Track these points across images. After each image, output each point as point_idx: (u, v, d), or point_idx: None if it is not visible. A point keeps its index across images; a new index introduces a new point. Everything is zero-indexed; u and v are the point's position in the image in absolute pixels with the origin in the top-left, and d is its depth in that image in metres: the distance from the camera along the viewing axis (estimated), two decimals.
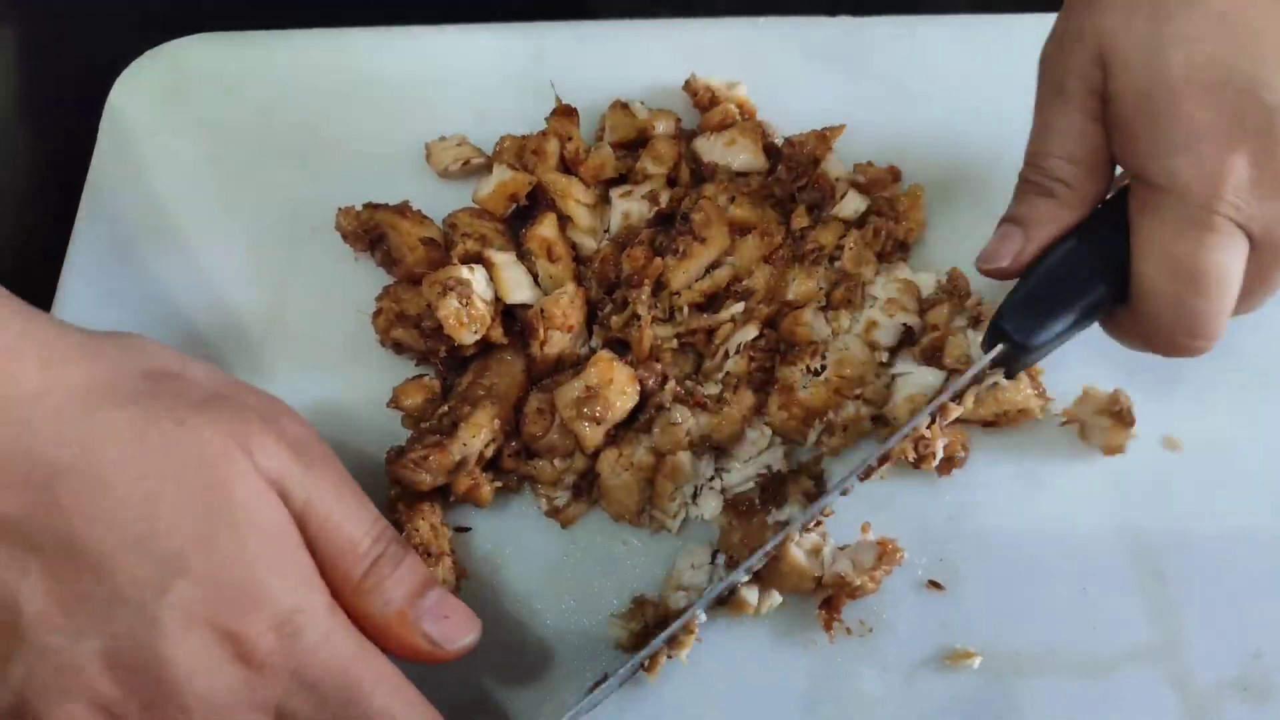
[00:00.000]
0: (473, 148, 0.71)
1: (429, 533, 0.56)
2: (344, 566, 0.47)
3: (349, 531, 0.47)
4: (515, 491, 0.60)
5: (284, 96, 0.75)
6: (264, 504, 0.45)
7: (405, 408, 0.60)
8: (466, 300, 0.58)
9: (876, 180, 0.67)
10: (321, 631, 0.45)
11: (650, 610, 0.56)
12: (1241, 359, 0.63)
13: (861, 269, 0.63)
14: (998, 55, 0.76)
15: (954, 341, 0.60)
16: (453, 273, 0.59)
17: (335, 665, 0.45)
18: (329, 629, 0.45)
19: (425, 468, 0.56)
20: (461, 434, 0.57)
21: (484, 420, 0.57)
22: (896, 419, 0.59)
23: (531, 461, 0.59)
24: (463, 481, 0.57)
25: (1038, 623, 0.56)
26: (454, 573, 0.56)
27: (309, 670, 0.44)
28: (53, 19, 0.85)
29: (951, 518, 0.59)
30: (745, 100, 0.72)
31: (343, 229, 0.66)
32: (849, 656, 0.55)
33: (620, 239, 0.66)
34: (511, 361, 0.61)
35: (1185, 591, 0.56)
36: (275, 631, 0.43)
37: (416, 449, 0.56)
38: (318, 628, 0.45)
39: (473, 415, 0.57)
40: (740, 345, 0.60)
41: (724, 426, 0.59)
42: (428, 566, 0.53)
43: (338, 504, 0.47)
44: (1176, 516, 0.59)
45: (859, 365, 0.60)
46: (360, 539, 0.47)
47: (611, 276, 0.64)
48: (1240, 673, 0.54)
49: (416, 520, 0.56)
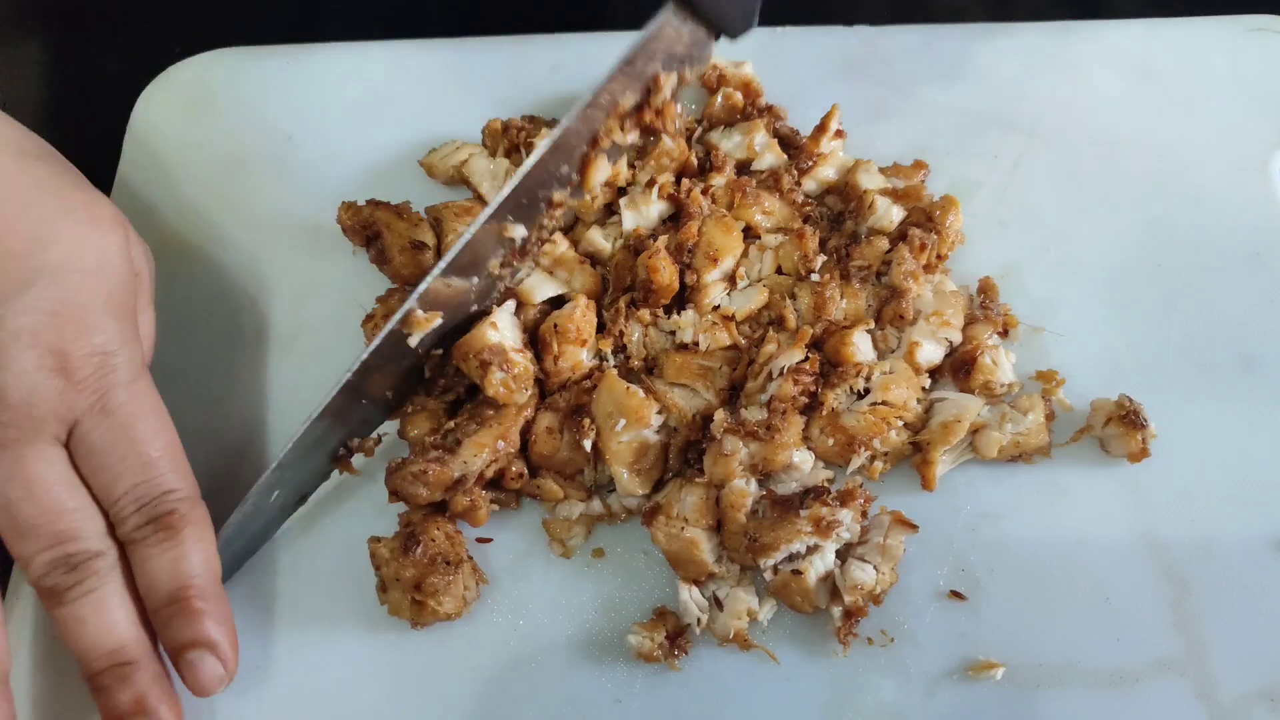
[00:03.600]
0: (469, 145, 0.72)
1: (445, 542, 0.56)
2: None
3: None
4: (514, 509, 0.60)
5: (304, 109, 0.76)
6: (122, 269, 0.54)
7: (412, 439, 0.60)
8: (506, 365, 0.57)
9: (909, 191, 0.67)
10: (132, 376, 0.53)
11: (671, 621, 0.56)
12: (1266, 370, 0.63)
13: (910, 284, 0.62)
14: (1013, 63, 0.76)
15: (982, 364, 0.60)
16: (482, 342, 0.57)
17: (133, 407, 0.53)
18: (139, 378, 0.54)
19: (423, 481, 0.56)
20: (464, 452, 0.57)
21: (488, 440, 0.57)
22: (930, 443, 0.59)
23: (537, 480, 0.59)
24: (460, 500, 0.57)
25: (1060, 633, 0.55)
26: (475, 579, 0.56)
27: (110, 400, 0.52)
28: (80, 34, 0.86)
29: (972, 528, 0.59)
30: (752, 79, 0.73)
31: (342, 222, 0.67)
32: (870, 667, 0.55)
33: (632, 243, 0.65)
34: None
35: (1210, 601, 0.56)
36: (96, 359, 0.52)
37: (416, 462, 0.56)
38: (130, 373, 0.53)
39: (477, 434, 0.57)
40: (784, 368, 0.59)
41: (776, 454, 0.57)
42: (448, 575, 0.54)
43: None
44: (1200, 526, 0.58)
45: (904, 390, 0.59)
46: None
47: (627, 280, 0.64)
48: (1267, 683, 0.54)
49: (431, 531, 0.56)
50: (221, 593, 0.54)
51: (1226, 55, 0.76)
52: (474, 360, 0.57)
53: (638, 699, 0.55)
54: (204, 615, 0.52)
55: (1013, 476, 0.60)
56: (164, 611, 0.52)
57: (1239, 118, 0.73)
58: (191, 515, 0.53)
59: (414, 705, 0.55)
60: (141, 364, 0.55)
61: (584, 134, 0.59)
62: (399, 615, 0.55)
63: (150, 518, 0.52)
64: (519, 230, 0.59)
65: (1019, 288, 0.66)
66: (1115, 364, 0.63)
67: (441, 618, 0.55)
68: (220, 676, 0.52)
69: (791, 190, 0.67)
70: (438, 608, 0.54)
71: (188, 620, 0.52)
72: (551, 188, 0.60)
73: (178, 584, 0.52)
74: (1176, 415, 0.61)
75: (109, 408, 0.52)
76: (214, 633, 0.52)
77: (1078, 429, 0.61)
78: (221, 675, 0.52)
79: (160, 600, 0.52)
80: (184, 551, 0.52)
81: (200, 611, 0.52)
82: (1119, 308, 0.65)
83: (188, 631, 0.51)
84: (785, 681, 0.55)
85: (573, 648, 0.56)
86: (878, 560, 0.55)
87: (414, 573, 0.55)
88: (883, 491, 0.59)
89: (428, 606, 0.54)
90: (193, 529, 0.53)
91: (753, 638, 0.55)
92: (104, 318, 0.53)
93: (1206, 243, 0.68)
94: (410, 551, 0.55)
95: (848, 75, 0.75)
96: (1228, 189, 0.70)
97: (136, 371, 0.54)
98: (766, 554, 0.55)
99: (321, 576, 0.59)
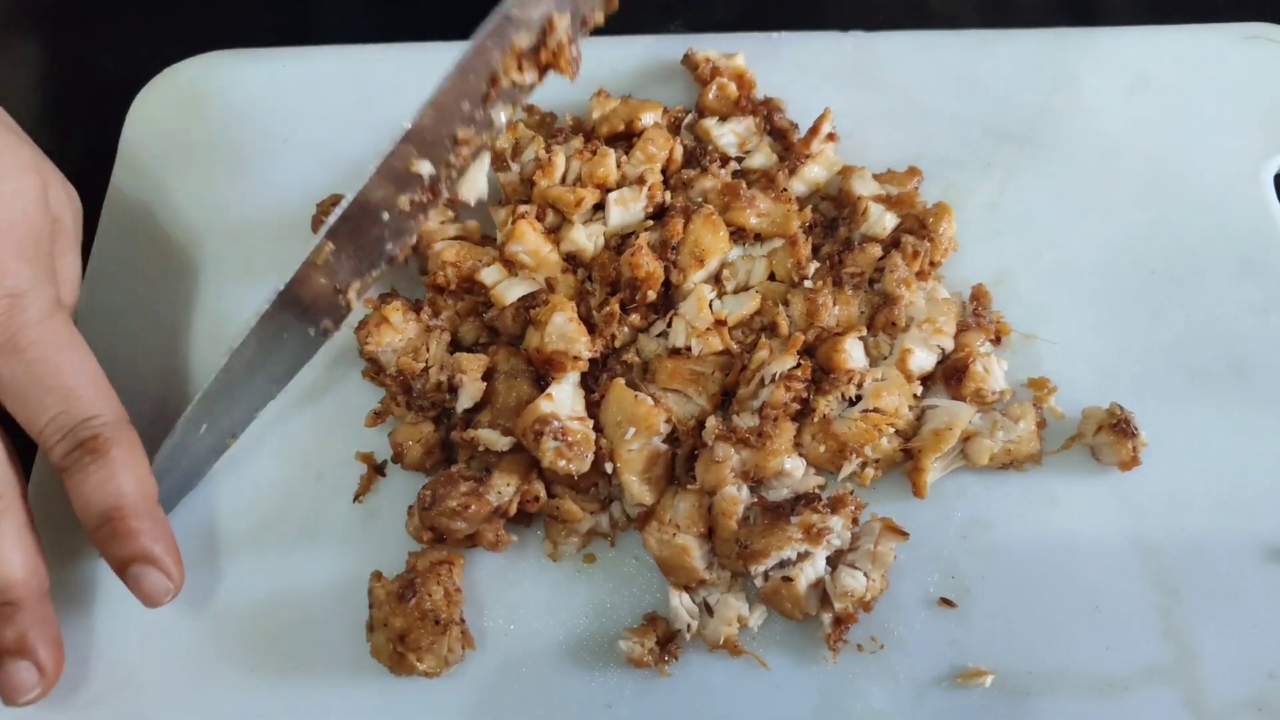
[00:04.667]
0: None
1: (441, 600, 0.55)
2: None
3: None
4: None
5: (300, 111, 0.76)
6: (35, 217, 0.56)
7: (411, 465, 0.60)
8: (561, 435, 0.57)
9: (903, 198, 0.67)
10: (43, 314, 0.55)
11: (662, 626, 0.56)
12: (1257, 377, 0.63)
13: (903, 291, 0.62)
14: (1008, 70, 0.76)
15: (974, 371, 0.60)
16: (535, 414, 0.57)
17: (47, 342, 0.55)
18: (51, 316, 0.55)
19: (465, 517, 0.56)
20: (495, 481, 0.57)
21: (517, 467, 0.57)
22: (921, 450, 0.59)
23: (556, 501, 0.58)
24: (487, 534, 0.57)
25: (1050, 641, 0.56)
26: (461, 643, 0.55)
27: (21, 338, 0.54)
28: (77, 36, 0.86)
29: (963, 535, 0.59)
30: (745, 71, 0.73)
31: (315, 220, 0.68)
32: (860, 674, 0.55)
33: (614, 243, 0.65)
34: (519, 383, 0.61)
35: (1199, 609, 0.56)
36: (5, 301, 0.54)
37: (453, 496, 0.56)
38: (41, 310, 0.55)
39: (501, 463, 0.58)
40: (776, 375, 0.59)
41: (768, 461, 0.57)
42: (434, 635, 0.54)
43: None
44: (1190, 533, 0.58)
45: (895, 397, 0.59)
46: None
47: (611, 277, 0.64)
48: (1255, 692, 0.54)
49: (431, 585, 0.55)
50: (157, 511, 0.55)
51: (1220, 63, 0.76)
52: (529, 434, 0.57)
53: (628, 704, 0.55)
54: (139, 534, 0.53)
55: (1004, 484, 0.60)
56: (100, 532, 0.53)
57: (1232, 125, 0.73)
58: (117, 438, 0.54)
59: (403, 708, 0.55)
60: (55, 303, 0.56)
61: (483, 71, 0.59)
62: (379, 659, 0.54)
63: (76, 443, 0.54)
64: (425, 166, 0.60)
65: (1012, 295, 0.66)
66: (1107, 371, 0.64)
67: (419, 674, 0.54)
68: (166, 588, 0.54)
69: (785, 191, 0.67)
70: (416, 664, 0.53)
71: (124, 540, 0.53)
72: (455, 125, 0.60)
73: (109, 504, 0.53)
74: (1167, 422, 0.61)
75: (19, 345, 0.54)
76: (153, 547, 0.53)
77: (1069, 437, 0.61)
78: (167, 587, 0.54)
79: (95, 521, 0.53)
80: (112, 472, 0.54)
81: (135, 530, 0.53)
82: (1111, 315, 0.66)
83: (125, 549, 0.53)
84: (775, 688, 0.55)
85: (563, 653, 0.56)
86: (868, 567, 0.56)
87: (402, 623, 0.54)
88: (874, 498, 0.60)
89: (407, 660, 0.53)
90: (120, 450, 0.54)
91: (743, 644, 0.56)
92: (13, 263, 0.55)
93: (1199, 250, 0.68)
94: (405, 600, 0.54)
95: (842, 81, 0.75)
96: (1221, 196, 0.70)
97: (49, 310, 0.55)
98: (757, 561, 0.55)
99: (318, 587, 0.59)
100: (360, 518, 0.61)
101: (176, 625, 0.58)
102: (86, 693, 0.56)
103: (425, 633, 0.54)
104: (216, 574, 0.59)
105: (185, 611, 0.58)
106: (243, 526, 0.61)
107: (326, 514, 0.61)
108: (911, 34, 0.78)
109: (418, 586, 0.55)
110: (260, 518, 0.61)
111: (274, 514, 0.61)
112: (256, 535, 0.61)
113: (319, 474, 0.62)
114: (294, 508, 0.61)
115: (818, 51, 0.77)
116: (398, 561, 0.58)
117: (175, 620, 0.58)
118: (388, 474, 0.62)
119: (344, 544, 0.60)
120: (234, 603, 0.59)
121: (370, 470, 0.62)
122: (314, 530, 0.61)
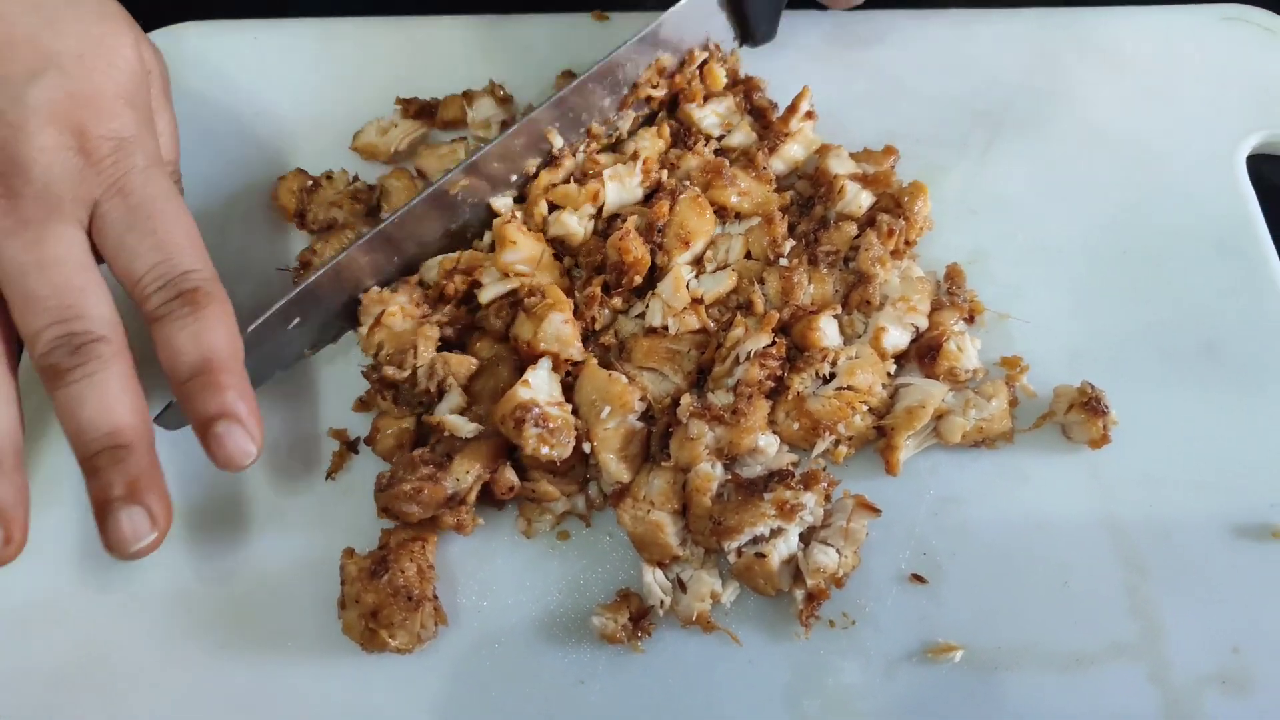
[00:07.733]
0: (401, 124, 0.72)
1: (414, 576, 0.55)
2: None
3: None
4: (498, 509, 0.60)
5: (272, 83, 0.75)
6: (133, 63, 0.56)
7: (381, 452, 0.59)
8: (542, 421, 0.56)
9: (879, 177, 0.67)
10: (148, 162, 0.54)
11: (635, 602, 0.56)
12: (1227, 358, 0.63)
13: (878, 269, 0.62)
14: (986, 49, 0.76)
15: (948, 350, 0.60)
16: (514, 401, 0.56)
17: (149, 190, 0.54)
18: (154, 164, 0.55)
19: (418, 501, 0.55)
20: (455, 468, 0.56)
21: (478, 455, 0.57)
22: (894, 428, 0.59)
23: (532, 484, 0.58)
24: (447, 520, 0.56)
25: (1019, 616, 0.56)
26: (434, 619, 0.55)
27: (128, 182, 0.53)
28: None
29: (935, 512, 0.59)
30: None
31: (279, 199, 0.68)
32: (831, 649, 0.55)
33: (601, 226, 0.65)
34: (499, 370, 0.61)
35: (1166, 586, 0.57)
36: (113, 142, 0.53)
37: (409, 480, 0.55)
38: (146, 158, 0.54)
39: (466, 449, 0.57)
40: (751, 352, 0.59)
41: (742, 439, 0.57)
42: (406, 612, 0.53)
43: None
44: (1159, 511, 0.59)
45: (869, 375, 0.59)
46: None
47: (598, 262, 0.63)
48: (1219, 667, 0.55)
49: (403, 561, 0.55)
50: (245, 374, 0.53)
51: (1198, 44, 0.76)
52: (509, 421, 0.56)
53: (600, 680, 0.55)
54: (228, 388, 0.51)
55: (975, 462, 0.61)
56: (189, 384, 0.51)
57: (1209, 106, 0.74)
58: (215, 294, 0.53)
59: (375, 685, 0.55)
60: (158, 154, 0.56)
61: (629, 76, 0.64)
62: (350, 636, 0.54)
63: (176, 293, 0.52)
64: (558, 139, 0.64)
65: (986, 274, 0.66)
66: (1079, 350, 0.64)
67: (391, 650, 0.54)
68: (248, 450, 0.51)
69: (765, 170, 0.66)
70: (389, 640, 0.53)
71: (214, 392, 0.50)
72: (593, 116, 0.65)
73: (202, 355, 0.51)
74: (1138, 401, 0.61)
75: (126, 190, 0.53)
76: (239, 405, 0.51)
77: (1040, 415, 0.61)
78: (249, 450, 0.51)
79: (185, 373, 0.51)
80: (208, 325, 0.52)
81: (225, 384, 0.51)
82: (1084, 294, 0.66)
83: (214, 404, 0.50)
84: (747, 663, 0.55)
85: (536, 629, 0.56)
86: (840, 544, 0.56)
87: (374, 599, 0.54)
88: (846, 476, 0.60)
89: (379, 636, 0.53)
90: (216, 307, 0.53)
91: (716, 620, 0.56)
92: (118, 104, 0.54)
93: (1173, 230, 0.68)
94: (377, 577, 0.54)
95: (820, 59, 0.75)
96: (1196, 177, 0.71)
97: (153, 159, 0.55)
98: (730, 537, 0.55)
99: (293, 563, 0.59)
100: (333, 495, 0.61)
101: (146, 603, 0.58)
102: (55, 672, 0.56)
103: (397, 609, 0.53)
104: (186, 551, 0.59)
105: (155, 589, 0.58)
106: (213, 502, 0.60)
107: (299, 491, 0.61)
108: (891, 13, 0.77)
109: (390, 563, 0.54)
110: (231, 493, 0.61)
111: (245, 490, 0.61)
112: (227, 512, 0.60)
113: (290, 450, 0.62)
114: (266, 484, 0.61)
115: (796, 30, 0.76)
116: (370, 539, 0.58)
117: (144, 598, 0.58)
118: (360, 451, 0.62)
119: (316, 521, 0.60)
120: (204, 580, 0.58)
121: (343, 448, 0.62)
122: (285, 507, 0.60)
